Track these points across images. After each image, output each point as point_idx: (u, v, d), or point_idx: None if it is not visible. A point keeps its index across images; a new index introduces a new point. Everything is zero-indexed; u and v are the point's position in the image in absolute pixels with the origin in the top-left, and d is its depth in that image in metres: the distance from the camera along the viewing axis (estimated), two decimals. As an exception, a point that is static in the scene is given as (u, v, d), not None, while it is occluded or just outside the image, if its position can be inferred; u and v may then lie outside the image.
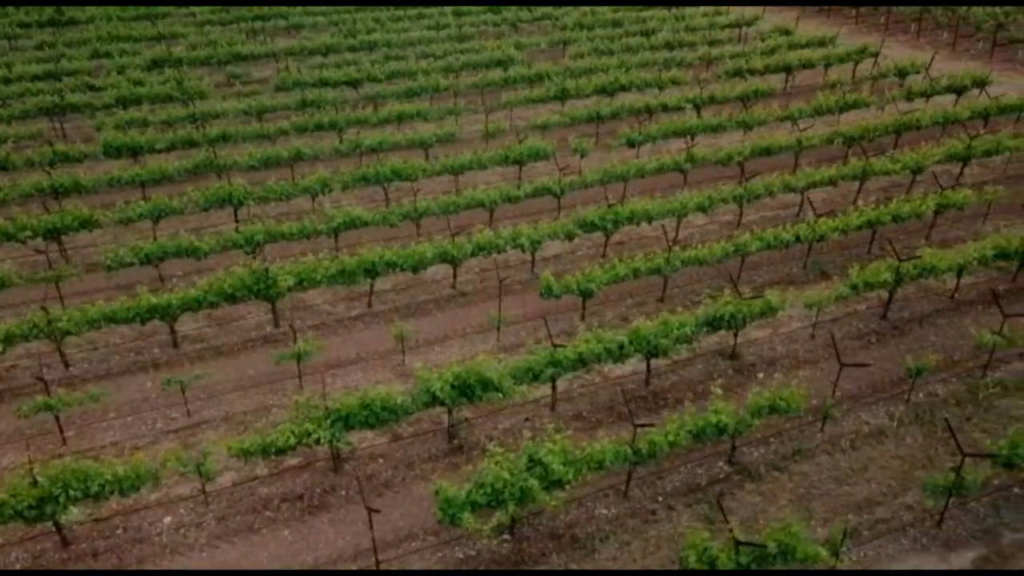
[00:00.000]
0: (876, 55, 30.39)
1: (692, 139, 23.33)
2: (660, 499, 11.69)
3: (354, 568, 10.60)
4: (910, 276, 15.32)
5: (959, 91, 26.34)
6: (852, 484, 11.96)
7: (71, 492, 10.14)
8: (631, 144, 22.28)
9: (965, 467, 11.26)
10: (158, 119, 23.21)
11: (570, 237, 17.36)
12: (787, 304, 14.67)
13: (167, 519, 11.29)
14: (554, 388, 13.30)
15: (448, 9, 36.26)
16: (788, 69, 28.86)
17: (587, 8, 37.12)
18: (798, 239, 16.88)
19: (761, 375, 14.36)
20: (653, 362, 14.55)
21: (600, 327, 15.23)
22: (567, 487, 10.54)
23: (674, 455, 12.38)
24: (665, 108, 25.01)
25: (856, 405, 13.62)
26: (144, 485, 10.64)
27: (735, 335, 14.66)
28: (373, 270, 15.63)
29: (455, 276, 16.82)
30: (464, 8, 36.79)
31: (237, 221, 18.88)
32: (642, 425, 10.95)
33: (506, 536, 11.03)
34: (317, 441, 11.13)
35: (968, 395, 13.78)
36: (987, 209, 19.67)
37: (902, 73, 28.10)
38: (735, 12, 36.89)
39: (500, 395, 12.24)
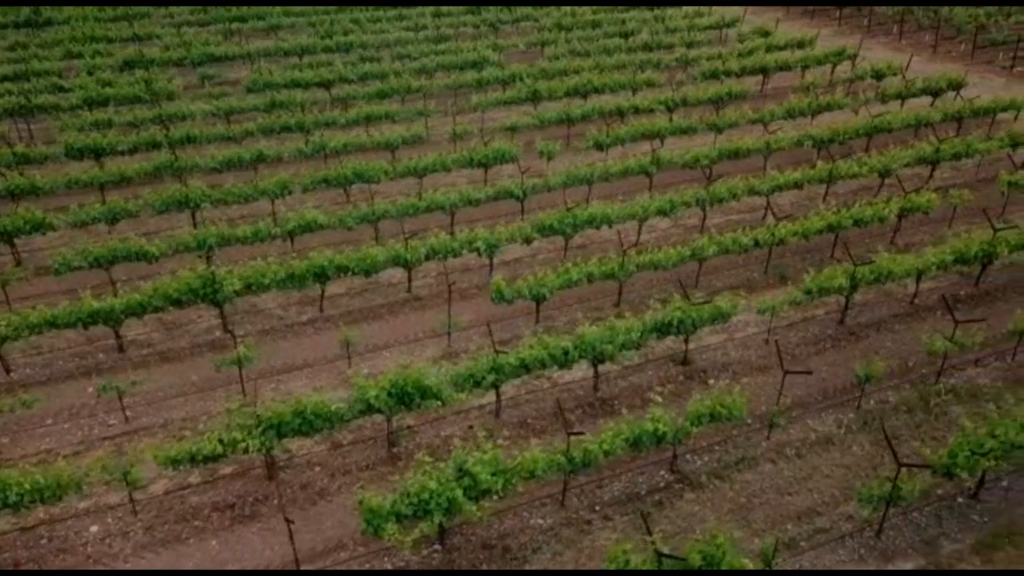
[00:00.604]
0: (854, 57, 30.25)
1: (661, 142, 23.18)
2: (597, 508, 11.50)
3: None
4: (866, 281, 15.14)
5: (934, 93, 26.17)
6: (794, 493, 11.78)
7: (-11, 502, 9.97)
8: (599, 147, 22.10)
9: (910, 476, 11.14)
10: (124, 120, 23.05)
11: (528, 241, 17.18)
12: (738, 309, 14.50)
13: (94, 528, 11.11)
14: (498, 395, 13.12)
15: (428, 10, 36.10)
16: (764, 71, 28.71)
17: (568, 9, 36.97)
18: (757, 243, 16.71)
19: (712, 381, 14.17)
20: (605, 367, 14.39)
21: (550, 332, 15.10)
22: (496, 497, 10.36)
23: (616, 463, 12.20)
24: (637, 110, 24.85)
25: (806, 412, 13.44)
26: (66, 494, 10.45)
27: (686, 341, 14.48)
28: (323, 274, 15.45)
29: (410, 280, 16.64)
30: (444, 9, 36.63)
31: (195, 224, 18.71)
32: (575, 433, 10.77)
33: (436, 546, 10.85)
34: (245, 450, 10.94)
35: (920, 402, 13.60)
36: (953, 213, 19.48)
37: (878, 75, 27.94)
38: (716, 13, 36.75)
39: (439, 403, 12.07)
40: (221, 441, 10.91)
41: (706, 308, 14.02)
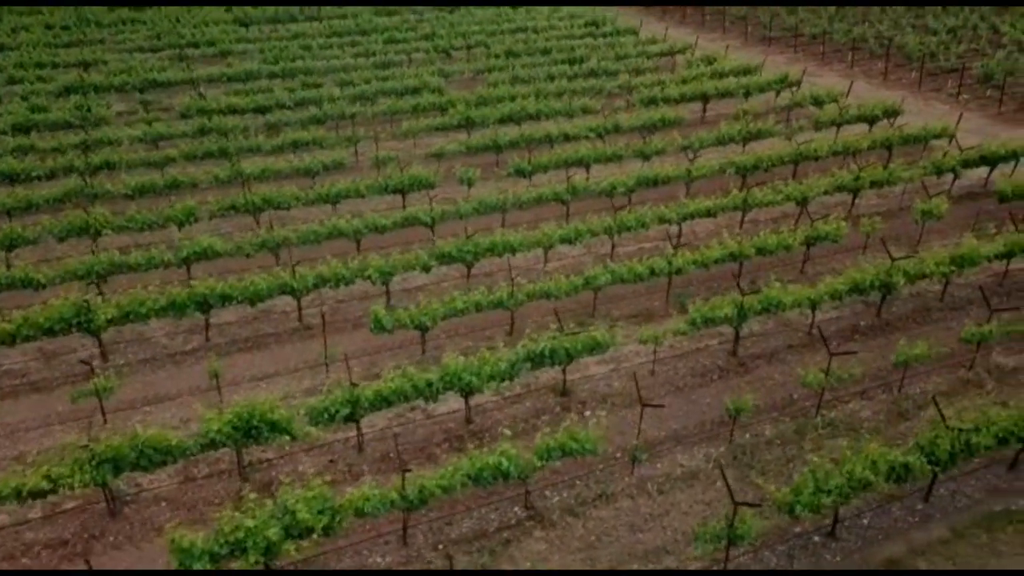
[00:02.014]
0: (797, 84, 30.28)
1: (587, 169, 23.09)
2: (441, 547, 11.19)
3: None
4: (754, 311, 14.91)
5: (871, 121, 26.12)
6: (647, 531, 11.48)
7: None
8: (521, 174, 21.98)
9: (760, 514, 10.89)
10: (49, 146, 22.97)
11: (426, 269, 17.00)
12: (617, 339, 14.26)
13: (-84, 566, 10.82)
14: (359, 428, 12.84)
15: (381, 36, 36.27)
16: (705, 97, 28.70)
17: (521, 35, 37.15)
18: (653, 272, 16.51)
19: (588, 413, 13.90)
20: (482, 398, 14.15)
21: (435, 363, 14.87)
22: (316, 536, 10.04)
23: (469, 498, 11.91)
24: (567, 137, 24.77)
25: (678, 446, 13.15)
26: None
27: (563, 371, 14.23)
28: (205, 303, 15.24)
29: (300, 309, 16.41)
30: (399, 35, 36.79)
31: (95, 251, 18.49)
32: (407, 470, 10.50)
33: (265, 586, 10.55)
34: (72, 486, 10.66)
35: (796, 436, 13.33)
36: (866, 241, 19.29)
37: (818, 102, 27.91)
38: (669, 40, 36.89)
39: (288, 437, 11.82)
40: (48, 476, 10.64)
41: (581, 338, 13.78)
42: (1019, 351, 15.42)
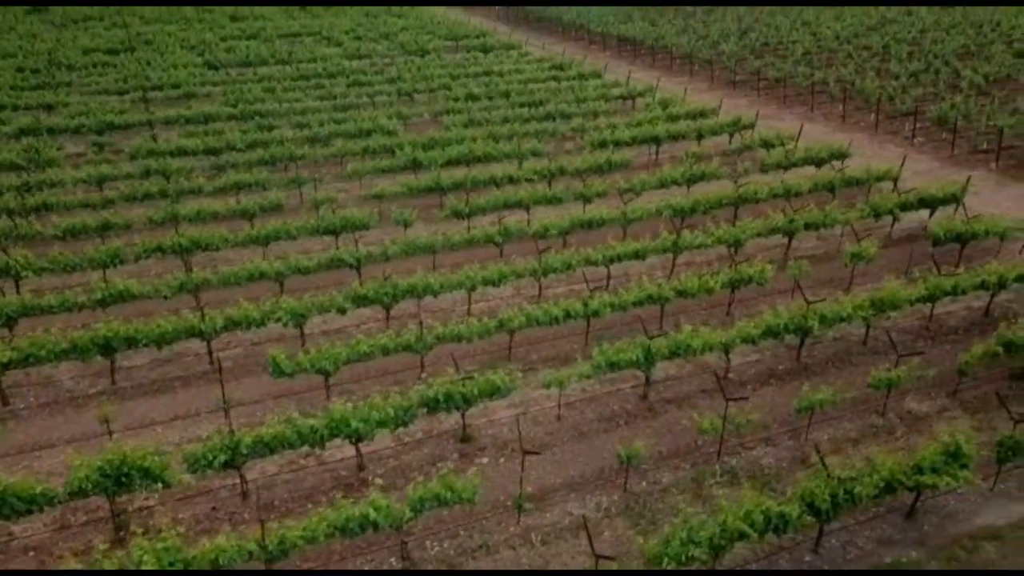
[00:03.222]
0: (751, 126, 30.45)
1: (527, 211, 23.08)
2: (307, 599, 10.90)
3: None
4: (662, 355, 14.73)
5: (818, 163, 26.20)
6: (523, 583, 11.17)
7: None
8: (458, 216, 21.97)
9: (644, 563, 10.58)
10: (-10, 187, 23.06)
11: (341, 311, 16.86)
12: (518, 383, 14.06)
13: None
14: (242, 477, 12.59)
15: (345, 80, 36.67)
16: (656, 140, 28.84)
17: (483, 78, 37.53)
18: (568, 315, 16.36)
19: (486, 460, 13.64)
20: (379, 444, 13.90)
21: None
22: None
23: (346, 549, 11.61)
24: (511, 180, 24.82)
25: (572, 494, 12.87)
26: None
27: (463, 417, 14.00)
28: (108, 346, 15.08)
29: (210, 352, 16.25)
30: (364, 77, 37.20)
31: (19, 293, 18.43)
32: (264, 521, 10.24)
33: (115, 641, 10.21)
34: (-78, 535, 10.42)
35: (693, 484, 13.04)
36: (794, 284, 19.16)
37: (768, 144, 28.00)
38: (632, 83, 37.25)
39: (160, 484, 11.57)
40: (-100, 525, 10.39)
41: (479, 383, 13.58)
42: (933, 397, 15.20)
